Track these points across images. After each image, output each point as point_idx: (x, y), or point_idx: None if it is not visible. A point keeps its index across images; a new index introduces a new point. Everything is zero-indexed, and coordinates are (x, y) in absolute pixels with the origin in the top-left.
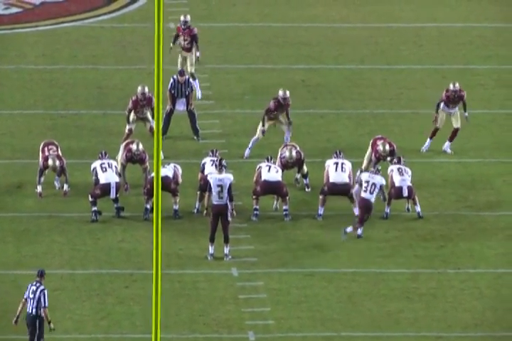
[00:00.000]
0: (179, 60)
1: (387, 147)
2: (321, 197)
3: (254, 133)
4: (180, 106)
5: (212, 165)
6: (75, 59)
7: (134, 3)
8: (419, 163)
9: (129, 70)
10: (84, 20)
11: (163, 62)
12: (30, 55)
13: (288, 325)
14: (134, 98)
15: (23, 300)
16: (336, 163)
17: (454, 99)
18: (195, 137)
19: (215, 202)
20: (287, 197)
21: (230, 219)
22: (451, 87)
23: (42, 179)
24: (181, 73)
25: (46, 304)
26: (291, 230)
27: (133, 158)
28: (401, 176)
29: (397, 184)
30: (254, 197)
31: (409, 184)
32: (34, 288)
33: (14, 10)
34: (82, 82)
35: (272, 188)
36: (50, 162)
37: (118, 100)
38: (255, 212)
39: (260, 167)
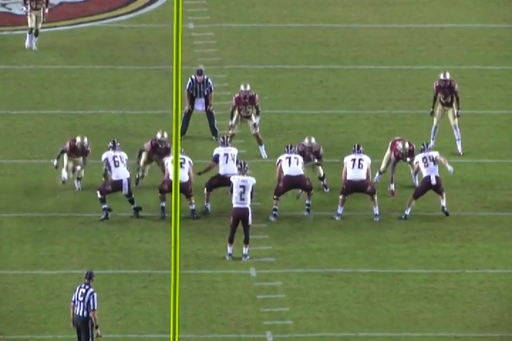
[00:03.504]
0: (29, 19)
1: (407, 145)
2: (340, 197)
3: (272, 134)
4: (199, 106)
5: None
6: (93, 59)
7: (153, 4)
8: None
9: (148, 70)
10: (103, 20)
11: (181, 63)
12: (48, 55)
13: (306, 325)
14: (236, 95)
15: (72, 303)
16: (354, 160)
17: (444, 90)
18: (213, 137)
19: (235, 205)
20: (311, 191)
21: (250, 222)
22: (441, 76)
23: (65, 163)
24: (199, 72)
25: (95, 307)
26: (309, 230)
27: (158, 147)
28: (426, 167)
29: (424, 174)
30: (275, 197)
31: (437, 174)
32: (83, 290)
33: None
34: (100, 82)
35: (294, 182)
36: (78, 139)
37: (136, 100)
38: (274, 213)
39: (280, 160)
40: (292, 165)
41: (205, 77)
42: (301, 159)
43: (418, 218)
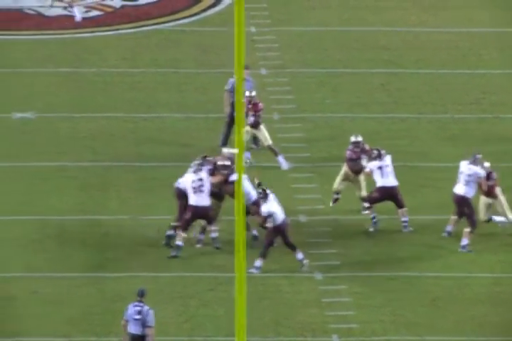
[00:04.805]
0: None
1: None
2: (452, 217)
3: (335, 137)
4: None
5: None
6: (155, 62)
7: (215, 7)
8: (504, 167)
9: (210, 74)
10: (165, 23)
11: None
12: (111, 59)
13: (371, 328)
14: None
15: (124, 322)
16: (462, 173)
17: None
18: (220, 144)
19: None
20: (406, 208)
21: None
22: None
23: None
24: (245, 67)
25: (153, 323)
26: (373, 234)
27: None
28: None
29: None
30: (367, 205)
31: None
32: (139, 308)
33: (95, 13)
34: (163, 85)
35: (389, 194)
36: (224, 150)
37: (199, 104)
38: (374, 220)
39: (371, 170)
40: (386, 176)
41: (247, 77)
42: (391, 167)
43: (483, 222)
